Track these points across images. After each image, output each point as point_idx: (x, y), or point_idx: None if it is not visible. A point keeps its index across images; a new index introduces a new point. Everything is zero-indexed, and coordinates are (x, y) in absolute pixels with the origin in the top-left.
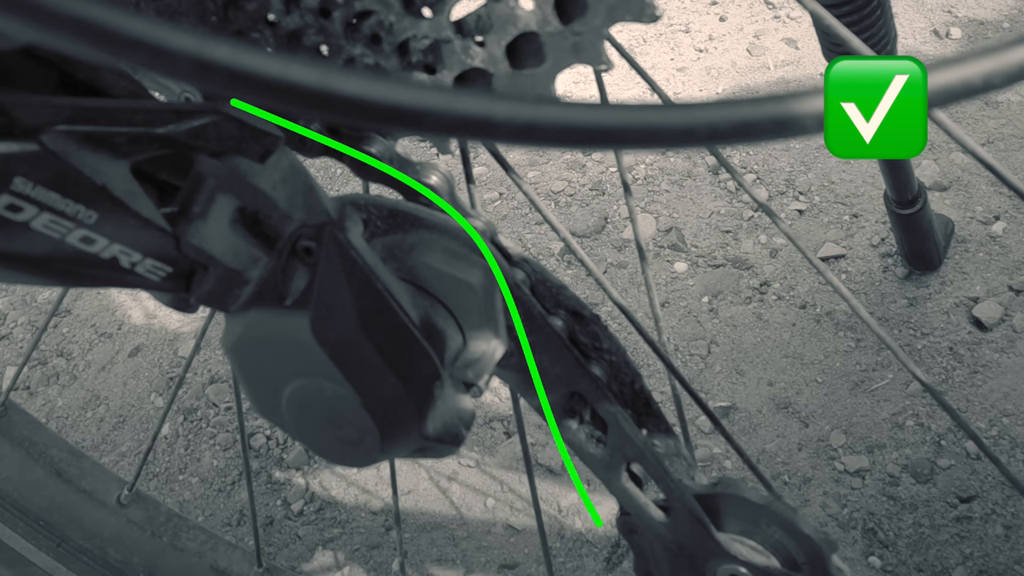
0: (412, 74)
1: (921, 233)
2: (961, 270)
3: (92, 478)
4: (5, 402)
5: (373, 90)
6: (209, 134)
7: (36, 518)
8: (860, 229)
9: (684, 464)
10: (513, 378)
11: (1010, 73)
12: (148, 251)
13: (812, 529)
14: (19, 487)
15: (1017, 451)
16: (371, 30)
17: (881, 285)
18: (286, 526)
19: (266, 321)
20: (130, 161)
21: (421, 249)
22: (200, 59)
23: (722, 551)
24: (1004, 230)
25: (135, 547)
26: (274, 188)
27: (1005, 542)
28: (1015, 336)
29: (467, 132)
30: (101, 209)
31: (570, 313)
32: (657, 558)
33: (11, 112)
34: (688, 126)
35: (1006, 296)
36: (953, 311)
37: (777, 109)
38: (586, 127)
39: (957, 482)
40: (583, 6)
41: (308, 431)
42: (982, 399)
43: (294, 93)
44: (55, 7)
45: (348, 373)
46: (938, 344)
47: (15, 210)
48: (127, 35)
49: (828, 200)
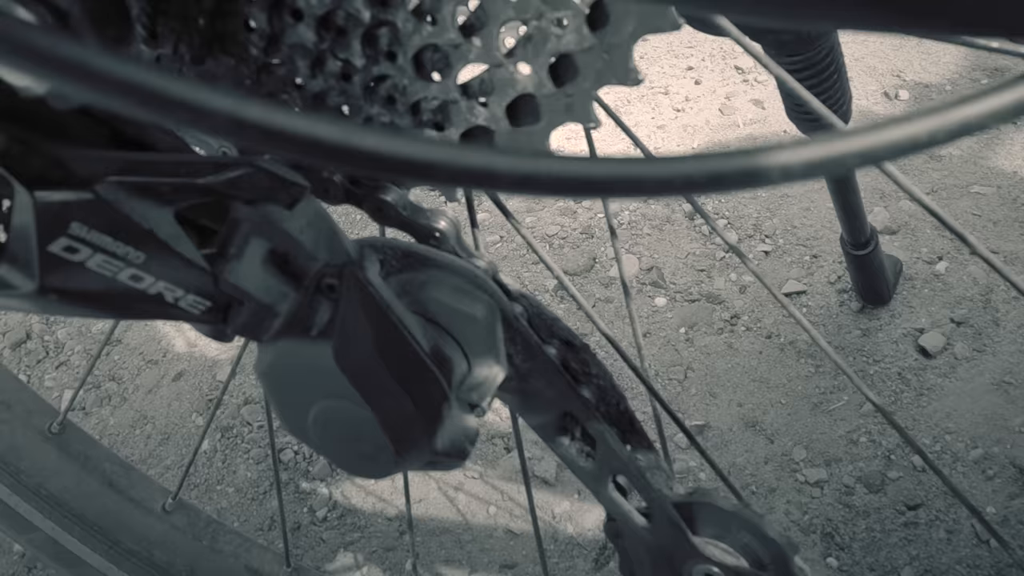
0: (423, 131)
1: (873, 271)
2: (908, 304)
3: (140, 488)
4: (63, 421)
5: (390, 145)
6: (244, 184)
7: (91, 524)
8: (819, 268)
9: (663, 476)
10: (512, 399)
11: (951, 130)
12: (190, 287)
13: (777, 533)
14: (76, 496)
15: (958, 464)
16: (387, 92)
17: (838, 318)
18: (311, 531)
19: (294, 349)
20: (174, 208)
21: (431, 286)
22: (236, 118)
23: (697, 553)
24: (946, 269)
25: (178, 549)
26: (301, 232)
27: (947, 544)
28: (956, 363)
29: (472, 182)
30: (148, 250)
31: (563, 342)
32: (640, 559)
33: (68, 164)
34: (667, 177)
35: (948, 327)
36: (901, 340)
37: (745, 162)
38: (577, 178)
39: (905, 492)
40: (574, 71)
41: (331, 447)
42: (927, 418)
43: (320, 148)
44: (112, 73)
45: (367, 395)
46: (888, 370)
47: (72, 251)
48: (173, 97)
49: (791, 242)
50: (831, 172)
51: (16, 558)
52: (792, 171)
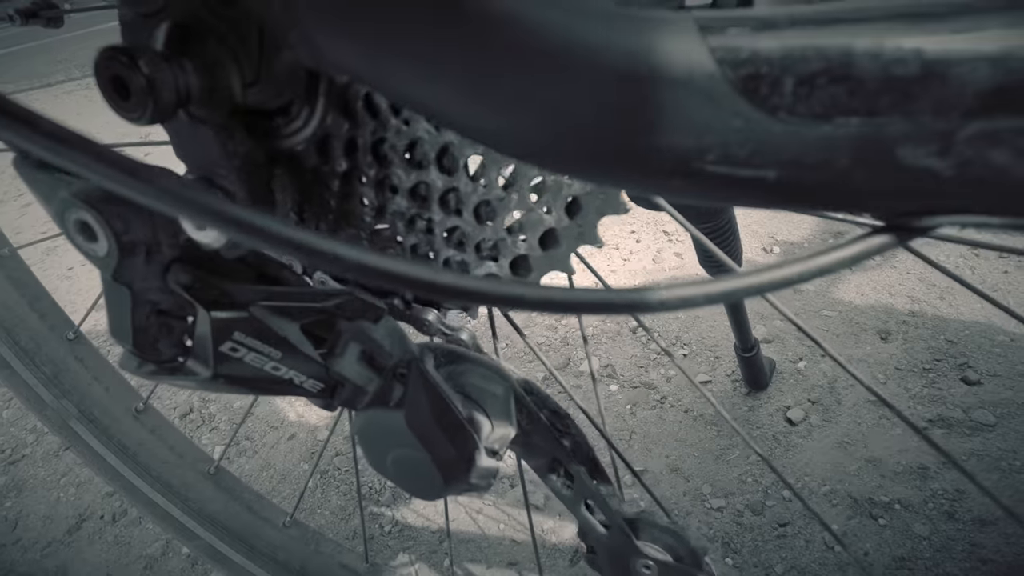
0: (485, 263)
1: (756, 367)
2: (779, 389)
3: (268, 511)
4: (217, 466)
5: (453, 280)
6: (345, 307)
7: (235, 534)
8: (720, 365)
9: (617, 501)
10: (519, 449)
11: (804, 274)
12: (310, 375)
13: (695, 538)
14: (225, 516)
15: (813, 496)
16: (458, 239)
17: (732, 398)
18: (380, 540)
19: (378, 416)
20: (299, 323)
21: (467, 373)
22: (370, 266)
23: (639, 552)
24: (805, 366)
25: (294, 551)
26: (383, 338)
27: (806, 550)
28: (812, 429)
29: (500, 303)
30: (283, 350)
31: (552, 412)
32: (601, 556)
33: (232, 294)
34: (609, 302)
35: (806, 405)
36: (774, 414)
37: (633, 297)
38: (558, 301)
39: (777, 515)
40: (581, 208)
41: (402, 478)
42: (792, 466)
43: (412, 282)
44: (278, 232)
45: (426, 445)
46: (765, 433)
47: (235, 350)
48: (340, 254)
49: (701, 348)
50: (691, 306)
51: (184, 557)
52: (667, 303)
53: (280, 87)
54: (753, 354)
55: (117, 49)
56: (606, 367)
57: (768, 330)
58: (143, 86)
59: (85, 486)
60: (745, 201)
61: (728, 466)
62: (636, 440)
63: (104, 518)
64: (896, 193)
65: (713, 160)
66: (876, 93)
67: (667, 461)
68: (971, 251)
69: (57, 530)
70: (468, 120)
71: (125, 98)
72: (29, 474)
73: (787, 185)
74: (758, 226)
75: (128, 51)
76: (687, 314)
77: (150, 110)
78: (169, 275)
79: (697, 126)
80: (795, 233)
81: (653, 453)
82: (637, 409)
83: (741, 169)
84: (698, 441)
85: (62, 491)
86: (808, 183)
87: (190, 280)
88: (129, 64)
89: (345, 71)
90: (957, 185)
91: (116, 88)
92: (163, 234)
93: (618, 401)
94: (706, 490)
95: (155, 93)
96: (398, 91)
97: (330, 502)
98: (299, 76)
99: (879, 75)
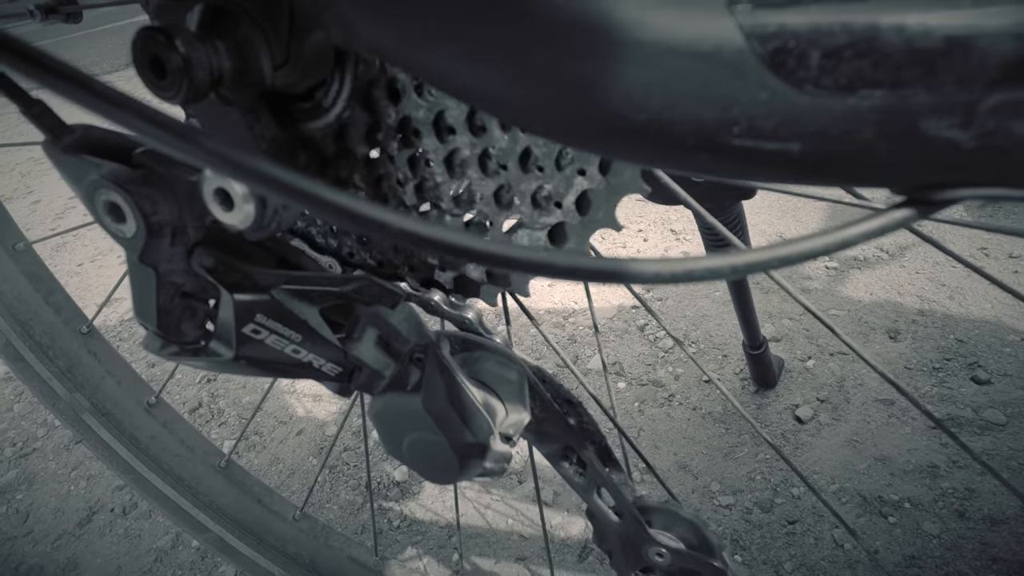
0: None
1: (764, 365)
2: (788, 388)
3: (277, 504)
4: (228, 460)
5: (488, 246)
6: (363, 292)
7: (245, 527)
8: (728, 363)
9: (629, 489)
10: (532, 436)
11: (830, 246)
12: (328, 358)
13: (712, 533)
14: (236, 509)
15: (822, 494)
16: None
17: (740, 396)
18: (389, 534)
19: (395, 399)
20: (319, 307)
21: (482, 360)
22: (407, 231)
23: (652, 539)
24: (814, 364)
25: (303, 545)
26: (400, 324)
27: (815, 547)
28: (821, 427)
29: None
30: (303, 333)
31: (565, 400)
32: (613, 544)
33: (254, 277)
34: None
35: (815, 404)
36: (783, 412)
37: (648, 266)
38: (572, 267)
39: (786, 512)
40: (590, 203)
41: (418, 463)
42: (801, 464)
43: (467, 252)
44: (341, 203)
45: (442, 429)
46: (774, 431)
47: (256, 332)
48: (371, 217)
49: (709, 346)
50: (680, 280)
51: (193, 550)
52: (661, 275)
53: (307, 69)
54: (761, 352)
55: (155, 29)
56: (614, 364)
57: (777, 328)
58: (179, 66)
59: (96, 479)
60: (768, 175)
61: (737, 464)
62: (644, 437)
63: (114, 511)
64: (918, 165)
65: (739, 133)
66: (900, 66)
67: (675, 458)
68: (981, 251)
69: (68, 523)
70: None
71: (161, 76)
72: (40, 467)
73: (811, 157)
74: (766, 225)
75: (165, 31)
76: (694, 312)
77: (185, 89)
78: (193, 257)
79: (724, 99)
80: (804, 232)
81: (661, 450)
82: (645, 407)
83: (766, 142)
84: (706, 439)
85: (73, 484)
86: (832, 155)
87: (213, 263)
88: (166, 44)
89: (377, 51)
90: (979, 156)
91: (153, 67)
92: (189, 216)
93: (626, 398)
94: (715, 487)
95: (191, 73)
96: (431, 69)
97: (339, 496)
98: (327, 58)
99: (903, 48)
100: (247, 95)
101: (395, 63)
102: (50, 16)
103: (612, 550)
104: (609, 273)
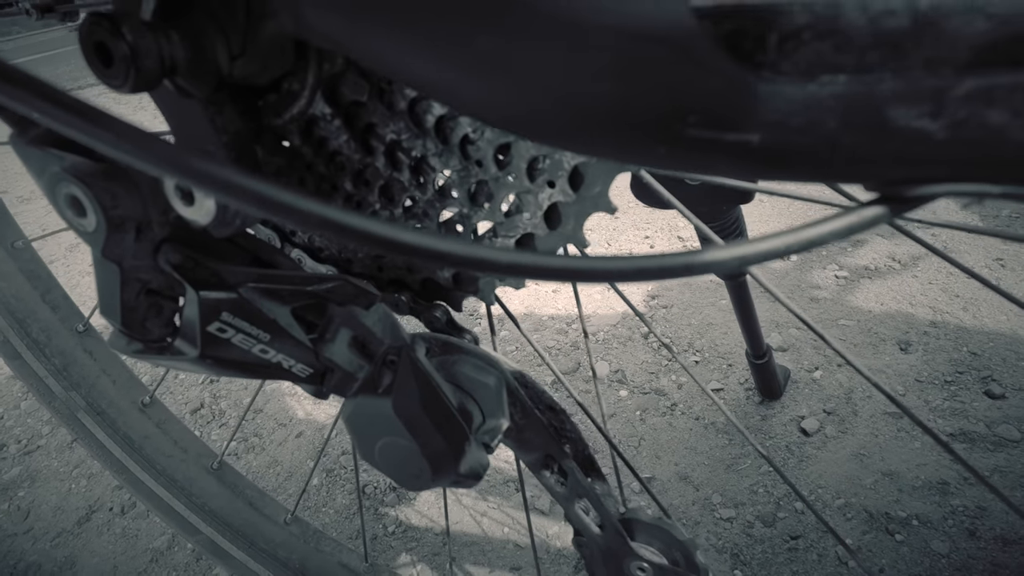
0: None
1: (769, 375)
2: (794, 399)
3: (270, 508)
4: (221, 462)
5: (470, 250)
6: (336, 292)
7: (237, 530)
8: (733, 373)
9: (612, 501)
10: (512, 443)
11: (792, 246)
12: (299, 359)
13: (685, 538)
14: (228, 512)
15: (827, 510)
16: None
17: (744, 407)
18: (384, 540)
19: (367, 402)
20: (290, 306)
21: (460, 364)
22: (391, 239)
23: (634, 553)
24: (820, 376)
25: (294, 549)
26: (373, 325)
27: (818, 564)
28: (827, 440)
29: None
30: (272, 333)
31: (547, 407)
32: (596, 559)
33: (221, 275)
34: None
35: (821, 415)
36: (788, 424)
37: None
38: (560, 268)
39: (789, 527)
40: (583, 179)
41: (390, 468)
42: (806, 478)
43: (441, 255)
44: (309, 210)
45: (414, 434)
46: (778, 443)
47: (222, 331)
48: (343, 223)
49: (714, 355)
50: (631, 279)
51: (188, 552)
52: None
53: (266, 60)
54: (765, 361)
55: (101, 16)
56: (616, 372)
57: (783, 338)
58: (126, 54)
59: (96, 478)
60: (730, 169)
61: (739, 476)
62: (645, 447)
63: (113, 510)
64: (888, 158)
65: (695, 123)
66: (864, 48)
67: (676, 469)
68: (997, 261)
69: (67, 521)
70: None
71: (108, 65)
72: (43, 465)
73: (773, 150)
74: (761, 231)
75: (112, 18)
76: (699, 320)
77: (132, 79)
78: (160, 254)
79: (677, 86)
80: None
81: (662, 460)
82: (647, 415)
83: (724, 133)
84: (709, 449)
85: (74, 482)
86: (795, 148)
87: (181, 260)
88: (112, 31)
89: (327, 39)
90: (951, 148)
91: (100, 55)
92: (153, 210)
93: (628, 407)
94: (716, 500)
95: (138, 61)
96: (381, 60)
97: (335, 501)
98: (286, 48)
99: (867, 28)
100: (204, 86)
101: (343, 50)
102: (46, 15)
103: (595, 567)
104: (560, 271)
